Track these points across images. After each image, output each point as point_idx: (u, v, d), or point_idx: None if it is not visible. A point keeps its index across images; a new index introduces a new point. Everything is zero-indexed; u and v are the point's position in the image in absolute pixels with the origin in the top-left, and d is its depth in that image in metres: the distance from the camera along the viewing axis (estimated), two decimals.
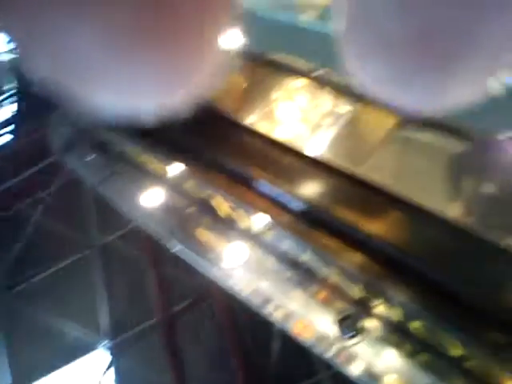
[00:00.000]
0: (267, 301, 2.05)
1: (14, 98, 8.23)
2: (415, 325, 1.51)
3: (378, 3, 0.18)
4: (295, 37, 2.00)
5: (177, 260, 4.33)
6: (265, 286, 2.04)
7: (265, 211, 1.77)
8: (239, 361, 4.43)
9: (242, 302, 2.18)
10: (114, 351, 5.81)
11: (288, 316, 1.95)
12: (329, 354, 1.76)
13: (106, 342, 5.94)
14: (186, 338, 5.06)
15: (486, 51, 0.18)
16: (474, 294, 1.37)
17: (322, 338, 1.83)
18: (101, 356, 5.92)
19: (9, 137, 7.87)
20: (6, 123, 7.95)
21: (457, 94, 0.20)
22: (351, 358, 1.69)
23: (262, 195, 1.78)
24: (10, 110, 8.23)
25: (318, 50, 2.02)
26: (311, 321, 1.83)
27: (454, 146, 1.57)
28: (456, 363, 1.49)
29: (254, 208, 1.79)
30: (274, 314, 2.01)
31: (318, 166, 1.69)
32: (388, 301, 1.56)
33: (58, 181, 6.51)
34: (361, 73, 0.20)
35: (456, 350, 1.46)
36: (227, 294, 2.61)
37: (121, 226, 5.95)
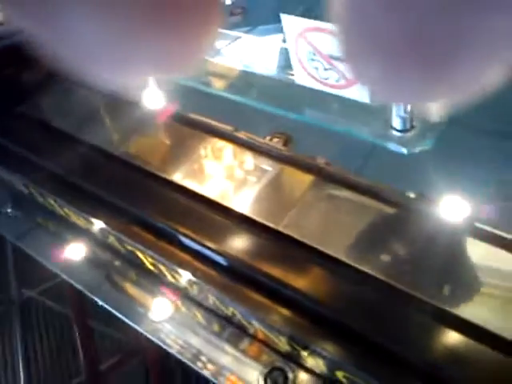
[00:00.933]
0: (197, 355, 2.03)
1: None
2: (339, 374, 1.54)
3: (372, 1, 0.18)
4: (210, 103, 2.07)
5: (104, 314, 4.18)
6: (194, 340, 2.02)
7: (188, 266, 1.77)
8: None
9: (173, 356, 2.14)
10: None
11: (219, 371, 1.94)
12: None
13: None
14: None
15: (484, 49, 0.18)
16: (397, 346, 1.42)
17: None
18: None
19: None
20: None
21: (452, 93, 0.20)
22: None
23: (186, 250, 1.78)
24: None
25: (231, 115, 2.10)
26: (241, 376, 1.82)
27: (374, 205, 1.66)
28: None
29: (177, 263, 1.79)
30: (205, 368, 1.99)
31: (241, 222, 1.72)
32: (314, 352, 1.58)
33: None
34: (356, 72, 0.21)
35: None
36: (158, 347, 2.55)
37: (43, 281, 5.70)
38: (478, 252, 1.53)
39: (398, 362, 1.39)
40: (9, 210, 2.71)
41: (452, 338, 1.40)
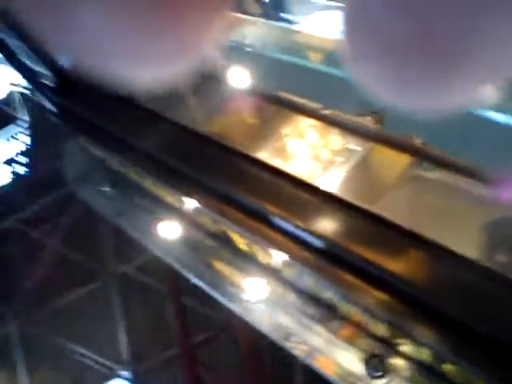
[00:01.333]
0: (288, 335, 2.01)
1: (28, 131, 8.39)
2: (446, 367, 1.45)
3: (379, 2, 0.18)
4: (302, 78, 2.00)
5: (197, 292, 4.31)
6: (286, 321, 2.00)
7: (282, 247, 1.73)
8: None
9: (264, 335, 2.14)
10: (134, 381, 5.78)
11: (310, 351, 1.91)
12: None
13: (125, 371, 5.92)
14: (207, 370, 5.02)
15: (489, 53, 0.18)
16: (502, 336, 1.31)
17: (346, 376, 1.78)
18: None
19: (23, 168, 8.05)
20: (20, 155, 8.11)
21: (456, 96, 0.20)
22: None
23: (279, 231, 1.75)
24: (24, 142, 8.40)
25: (323, 90, 2.01)
26: (334, 358, 1.78)
27: (468, 184, 1.54)
28: None
29: (270, 244, 1.76)
30: (296, 348, 1.97)
31: (332, 203, 1.65)
32: (415, 341, 1.50)
33: (75, 210, 6.57)
34: (361, 73, 0.20)
35: None
36: (249, 326, 2.57)
37: (139, 256, 5.97)
38: None
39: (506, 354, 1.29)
40: (107, 189, 2.82)
41: None
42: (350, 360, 1.79)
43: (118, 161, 2.56)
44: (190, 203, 2.09)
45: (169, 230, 2.44)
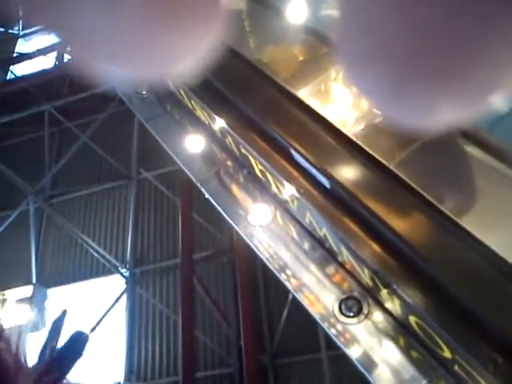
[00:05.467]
0: (284, 267, 2.12)
1: None
2: (413, 320, 1.56)
3: (377, 12, 0.17)
4: None
5: (206, 209, 4.45)
6: (283, 253, 2.11)
7: (294, 181, 1.81)
8: (247, 322, 4.56)
9: (261, 264, 2.25)
10: (130, 279, 6.09)
11: (300, 287, 2.02)
12: (331, 332, 1.83)
13: (124, 270, 6.23)
14: (203, 284, 5.25)
15: (491, 66, 0.18)
16: (480, 308, 1.38)
17: (326, 315, 1.89)
18: (118, 281, 6.23)
19: (69, 57, 8.04)
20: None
21: (453, 110, 0.19)
22: (350, 341, 1.75)
23: (295, 165, 1.83)
24: None
25: None
26: (318, 297, 1.89)
27: (492, 163, 1.57)
28: (444, 364, 1.54)
29: (284, 176, 1.84)
30: (289, 281, 2.08)
31: (354, 150, 1.71)
32: (393, 292, 1.60)
33: (109, 109, 6.69)
34: (359, 82, 0.20)
35: (447, 353, 1.50)
36: (248, 251, 2.66)
37: (159, 167, 6.13)
38: None
39: (477, 324, 1.37)
40: (144, 92, 2.91)
41: None
42: (331, 300, 1.90)
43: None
44: (219, 122, 2.16)
45: (193, 143, 2.54)
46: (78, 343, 0.72)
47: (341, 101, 1.91)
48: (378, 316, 1.72)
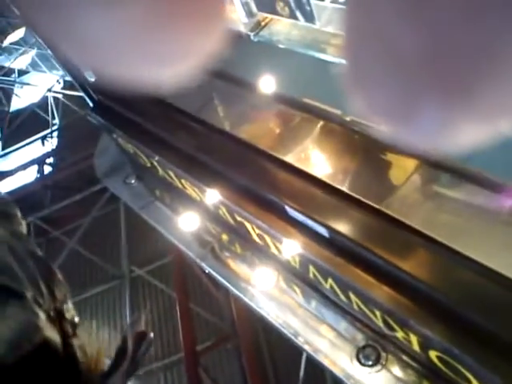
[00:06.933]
0: (295, 335, 2.09)
1: (57, 133, 8.67)
2: (433, 354, 1.54)
3: (385, 21, 0.16)
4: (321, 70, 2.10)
5: (203, 298, 4.37)
6: (292, 320, 2.10)
7: (293, 236, 1.85)
8: None
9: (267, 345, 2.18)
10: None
11: (316, 351, 1.99)
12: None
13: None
14: (208, 375, 5.06)
15: (507, 81, 0.16)
16: (500, 331, 1.38)
17: (347, 373, 1.85)
18: None
19: (49, 168, 8.29)
20: (48, 155, 8.38)
21: (465, 131, 0.18)
22: None
23: (292, 222, 1.87)
24: (52, 143, 8.68)
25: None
26: (333, 359, 1.87)
27: (483, 194, 1.63)
28: None
29: (282, 233, 1.88)
30: (304, 348, 2.05)
31: (346, 200, 1.76)
32: (409, 329, 1.60)
33: (94, 211, 6.76)
34: (362, 99, 0.18)
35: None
36: (252, 334, 2.59)
37: (151, 261, 6.12)
38: None
39: (502, 347, 1.36)
40: (133, 181, 2.98)
41: None
42: (348, 352, 1.88)
43: (145, 154, 2.72)
44: (210, 194, 2.22)
45: (187, 222, 2.58)
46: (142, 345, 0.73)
47: (323, 156, 1.99)
48: (397, 358, 1.70)
